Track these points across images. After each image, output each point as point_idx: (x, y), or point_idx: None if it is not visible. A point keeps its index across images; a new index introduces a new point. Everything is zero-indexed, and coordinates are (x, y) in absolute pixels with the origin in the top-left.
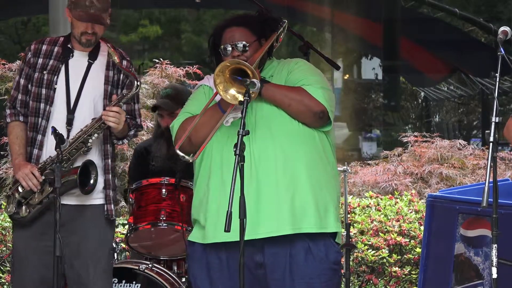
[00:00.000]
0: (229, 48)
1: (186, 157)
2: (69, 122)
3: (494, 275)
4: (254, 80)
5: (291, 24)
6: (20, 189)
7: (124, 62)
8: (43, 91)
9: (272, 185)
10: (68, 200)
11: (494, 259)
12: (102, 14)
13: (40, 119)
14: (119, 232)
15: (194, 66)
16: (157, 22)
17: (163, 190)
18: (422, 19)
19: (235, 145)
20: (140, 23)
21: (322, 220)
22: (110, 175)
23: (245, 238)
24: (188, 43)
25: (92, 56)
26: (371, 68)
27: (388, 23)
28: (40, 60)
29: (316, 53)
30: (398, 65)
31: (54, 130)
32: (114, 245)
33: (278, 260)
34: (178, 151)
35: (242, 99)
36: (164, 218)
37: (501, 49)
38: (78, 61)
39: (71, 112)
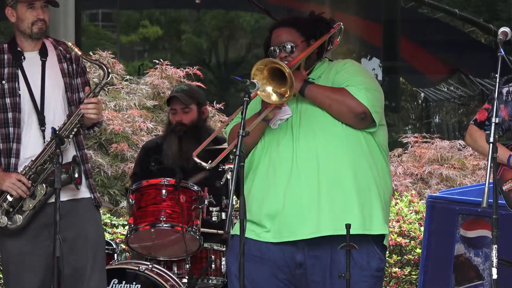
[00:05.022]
0: (277, 50)
1: (203, 163)
2: (41, 123)
3: (494, 276)
4: (254, 81)
5: None
6: (9, 198)
7: (79, 53)
8: (8, 100)
9: (314, 186)
10: (61, 197)
11: (494, 260)
12: None
13: (11, 128)
14: (119, 233)
15: (194, 67)
16: (157, 22)
17: (163, 191)
18: (422, 19)
19: (235, 146)
20: (140, 23)
21: (366, 222)
22: (89, 165)
23: (286, 240)
24: (188, 44)
25: (43, 54)
26: (371, 69)
27: (388, 24)
28: None
29: None
30: (398, 66)
31: (54, 131)
32: (114, 245)
33: (319, 263)
34: (194, 158)
35: (275, 99)
36: (164, 218)
37: (501, 49)
38: (31, 62)
39: (40, 113)
